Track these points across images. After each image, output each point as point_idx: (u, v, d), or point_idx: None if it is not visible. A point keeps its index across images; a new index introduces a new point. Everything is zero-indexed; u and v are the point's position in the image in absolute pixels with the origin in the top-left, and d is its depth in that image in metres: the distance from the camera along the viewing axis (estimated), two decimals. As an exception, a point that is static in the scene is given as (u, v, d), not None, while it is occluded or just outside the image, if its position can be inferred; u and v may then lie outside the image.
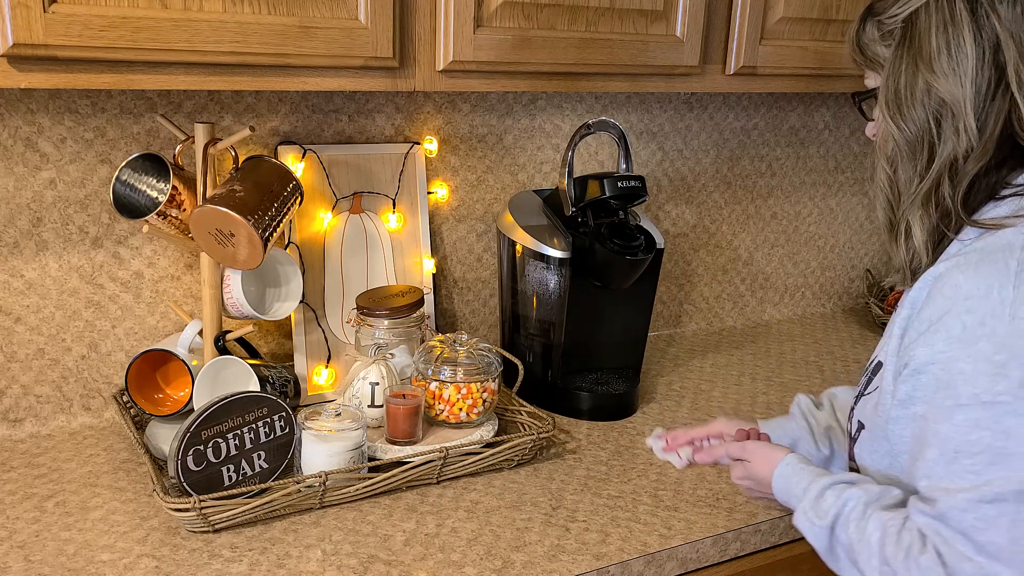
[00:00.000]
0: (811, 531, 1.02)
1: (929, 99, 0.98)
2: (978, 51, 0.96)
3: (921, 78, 0.98)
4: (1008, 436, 0.85)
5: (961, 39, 0.97)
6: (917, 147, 1.00)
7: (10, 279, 1.37)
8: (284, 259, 1.44)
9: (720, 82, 1.58)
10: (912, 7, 1.00)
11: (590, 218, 1.51)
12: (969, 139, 0.97)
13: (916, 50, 0.99)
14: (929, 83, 0.98)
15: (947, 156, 0.98)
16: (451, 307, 1.76)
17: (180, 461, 1.16)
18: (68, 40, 1.04)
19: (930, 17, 0.99)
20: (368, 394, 1.39)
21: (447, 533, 1.20)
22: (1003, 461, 0.86)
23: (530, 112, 1.74)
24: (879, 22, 1.04)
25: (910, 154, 1.00)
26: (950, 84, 0.97)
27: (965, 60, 0.97)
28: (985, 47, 0.96)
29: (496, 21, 1.32)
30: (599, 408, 1.57)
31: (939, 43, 0.98)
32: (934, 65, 0.98)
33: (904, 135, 1.00)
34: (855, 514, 0.98)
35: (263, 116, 1.49)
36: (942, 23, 0.98)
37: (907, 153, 1.00)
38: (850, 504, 0.99)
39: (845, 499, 0.99)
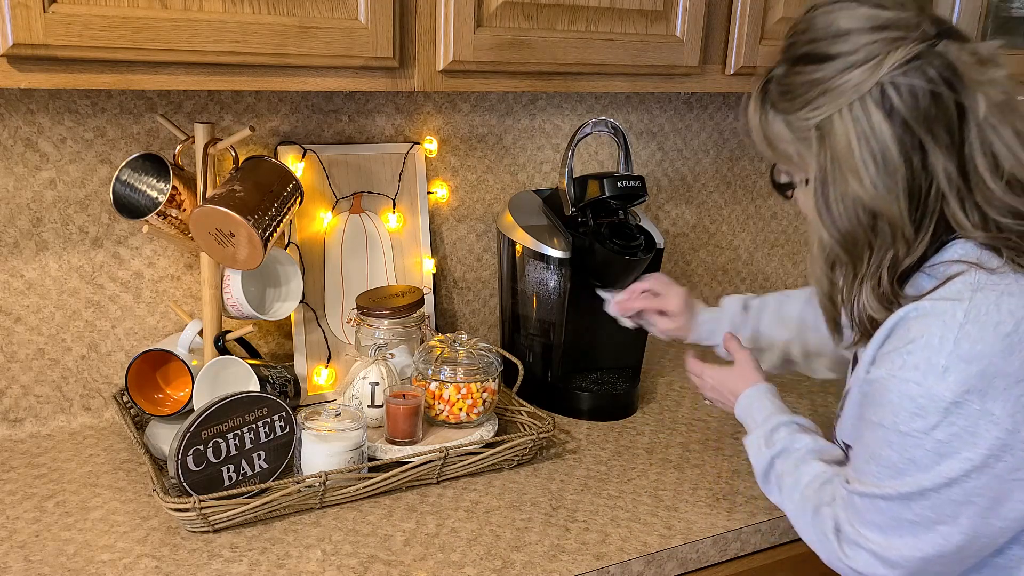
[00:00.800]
0: (756, 454, 1.18)
1: (863, 209, 0.99)
2: (904, 158, 0.96)
3: (851, 190, 0.98)
4: (912, 463, 0.97)
5: (886, 149, 0.96)
6: (854, 252, 1.02)
7: (10, 279, 1.37)
8: (284, 259, 1.44)
9: (720, 82, 1.58)
10: (824, 114, 0.98)
11: (590, 218, 1.51)
12: (907, 242, 0.99)
13: (839, 161, 0.98)
14: (859, 195, 0.98)
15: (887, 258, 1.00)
16: (451, 307, 1.76)
17: (180, 461, 1.16)
18: (68, 40, 1.04)
19: (847, 127, 0.97)
20: (368, 394, 1.39)
21: (447, 533, 1.20)
22: (899, 476, 0.98)
23: (530, 112, 1.74)
24: (788, 121, 1.02)
25: (848, 258, 1.03)
26: (884, 198, 0.97)
27: (894, 171, 0.96)
28: (910, 153, 0.96)
29: (496, 21, 1.32)
30: (599, 408, 1.57)
31: (863, 154, 0.96)
32: (863, 179, 0.97)
33: (840, 243, 1.02)
34: (798, 455, 1.14)
35: (263, 116, 1.49)
36: (861, 133, 0.96)
37: (845, 257, 1.03)
38: (797, 445, 1.15)
39: (795, 439, 1.16)
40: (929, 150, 0.96)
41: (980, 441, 0.94)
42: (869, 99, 0.95)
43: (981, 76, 0.96)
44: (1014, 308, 0.96)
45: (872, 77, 0.95)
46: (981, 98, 0.96)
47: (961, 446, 0.95)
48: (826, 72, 0.98)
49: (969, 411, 0.94)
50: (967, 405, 0.94)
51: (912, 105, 0.95)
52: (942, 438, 0.95)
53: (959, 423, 0.94)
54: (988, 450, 0.94)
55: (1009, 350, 0.94)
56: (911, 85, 0.95)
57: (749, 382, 1.26)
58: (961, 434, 0.94)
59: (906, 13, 0.98)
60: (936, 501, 0.97)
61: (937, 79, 0.95)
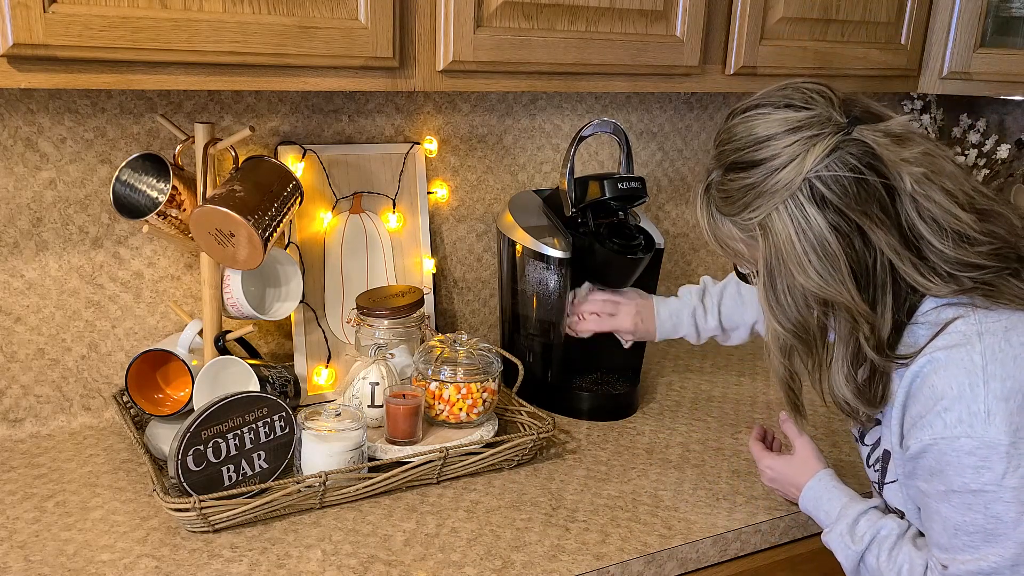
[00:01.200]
0: (844, 552, 1.13)
1: (812, 299, 1.01)
2: (844, 244, 0.98)
3: (798, 282, 1.01)
4: (998, 520, 0.96)
5: (825, 239, 0.98)
6: (806, 339, 1.05)
7: (10, 279, 1.37)
8: (284, 259, 1.44)
9: (720, 82, 1.58)
10: (763, 213, 1.01)
11: (590, 218, 1.51)
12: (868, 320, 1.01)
13: (784, 256, 1.01)
14: (806, 287, 1.00)
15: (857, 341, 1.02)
16: (451, 307, 1.76)
17: (180, 461, 1.16)
18: (68, 40, 1.04)
19: (785, 223, 1.00)
20: (368, 394, 1.39)
21: (447, 533, 1.20)
22: (995, 540, 0.97)
23: (530, 112, 1.74)
24: (735, 222, 1.05)
25: (804, 347, 1.05)
26: (830, 286, 0.99)
27: (836, 258, 0.99)
28: (850, 237, 0.98)
29: (496, 21, 1.32)
30: (599, 408, 1.57)
31: (804, 247, 0.99)
32: (808, 270, 1.00)
33: (792, 333, 1.05)
34: (888, 543, 1.10)
35: (263, 116, 1.49)
36: (799, 227, 0.99)
37: (801, 347, 1.05)
38: (883, 532, 1.11)
39: (879, 527, 1.11)
40: (867, 230, 0.98)
41: None
42: (800, 195, 0.99)
43: (899, 155, 0.99)
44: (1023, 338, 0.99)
45: (799, 175, 0.99)
46: (905, 174, 0.99)
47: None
48: (756, 177, 1.02)
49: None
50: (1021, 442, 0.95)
51: (842, 193, 0.98)
52: (1015, 484, 0.95)
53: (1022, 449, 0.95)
54: None
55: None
56: (836, 176, 0.98)
57: (811, 472, 1.23)
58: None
59: (816, 109, 1.01)
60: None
61: (858, 165, 0.98)
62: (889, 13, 1.69)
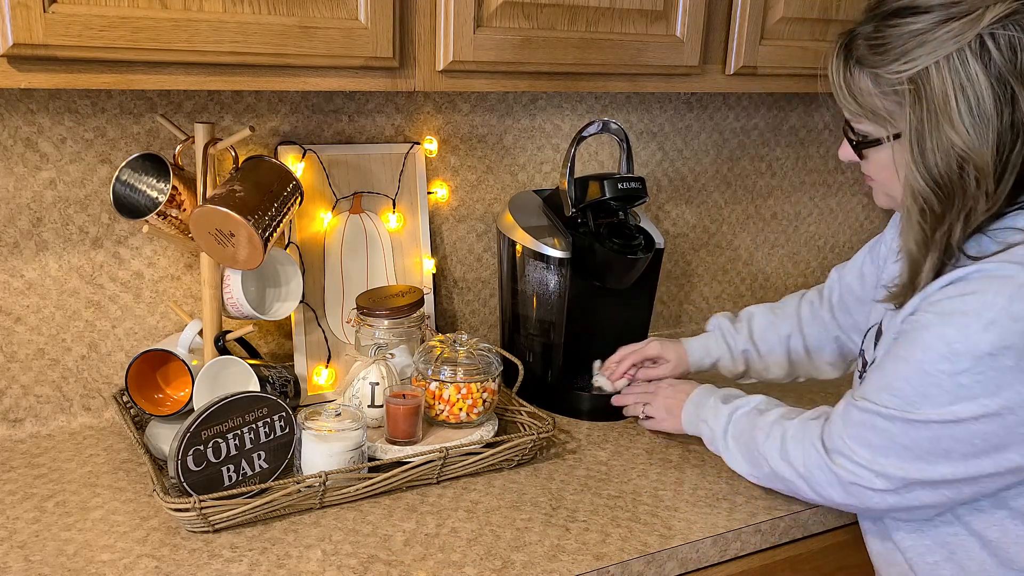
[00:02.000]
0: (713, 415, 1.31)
1: (956, 157, 1.01)
2: (997, 110, 0.99)
3: (946, 138, 1.00)
4: (924, 398, 1.03)
5: (981, 99, 0.98)
6: (945, 200, 1.04)
7: (10, 279, 1.37)
8: (284, 259, 1.44)
9: (720, 82, 1.58)
10: (920, 65, 1.00)
11: (590, 218, 1.51)
12: (987, 194, 1.02)
13: (937, 111, 1.00)
14: (955, 143, 1.00)
15: (967, 207, 1.03)
16: (451, 307, 1.76)
17: (180, 461, 1.16)
18: (68, 40, 1.04)
19: (944, 78, 0.99)
20: (368, 394, 1.39)
21: (447, 533, 1.20)
22: (911, 407, 1.04)
23: (530, 112, 1.74)
24: (876, 75, 1.04)
25: (940, 208, 1.05)
26: (975, 143, 0.99)
27: (988, 121, 0.99)
28: (1003, 106, 0.99)
29: (496, 21, 1.32)
30: (599, 408, 1.57)
31: (959, 104, 0.99)
32: (957, 126, 0.99)
33: (935, 192, 1.04)
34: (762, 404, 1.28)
35: (263, 116, 1.49)
36: (959, 84, 0.99)
37: (937, 206, 1.05)
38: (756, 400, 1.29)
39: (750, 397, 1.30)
40: (1021, 104, 0.99)
41: (1003, 392, 0.99)
42: (968, 50, 0.98)
43: None
44: None
45: (973, 28, 0.98)
46: None
47: (981, 393, 0.99)
48: (925, 23, 1.00)
49: (1001, 365, 0.98)
50: (1002, 359, 0.98)
51: (1009, 58, 0.98)
52: (965, 383, 1.00)
53: (988, 373, 0.99)
54: (1007, 401, 0.99)
55: None
56: (1009, 37, 0.98)
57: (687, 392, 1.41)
58: (985, 383, 0.99)
59: None
60: (937, 433, 1.03)
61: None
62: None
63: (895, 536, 1.19)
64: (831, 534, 1.36)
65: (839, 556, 1.37)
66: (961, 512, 1.12)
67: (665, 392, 1.45)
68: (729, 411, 1.30)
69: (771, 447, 1.21)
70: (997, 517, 1.10)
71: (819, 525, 1.33)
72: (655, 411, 1.45)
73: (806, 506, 1.31)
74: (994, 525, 1.10)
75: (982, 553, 1.12)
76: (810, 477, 1.16)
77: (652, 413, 1.45)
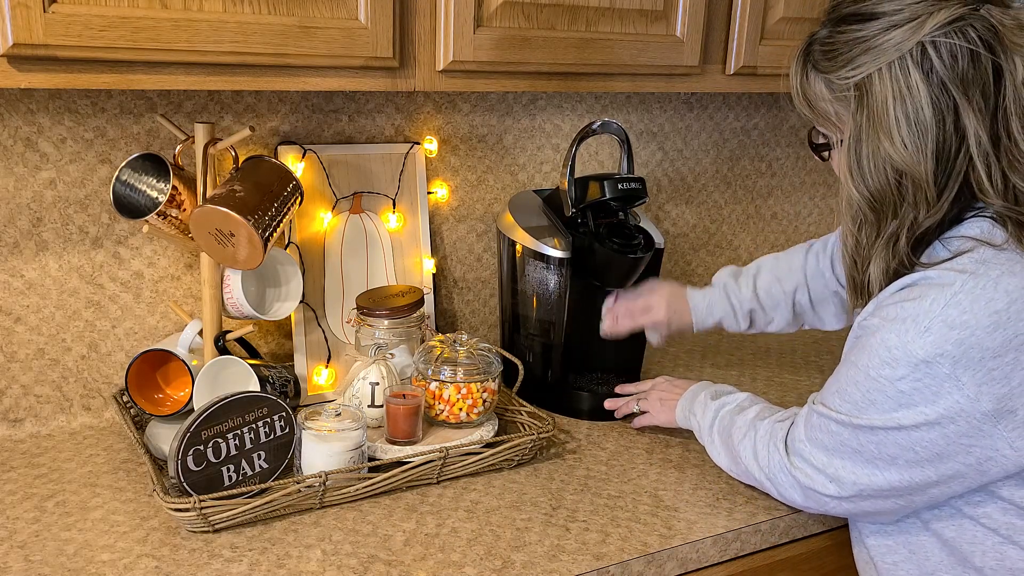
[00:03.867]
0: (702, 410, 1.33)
1: (891, 169, 1.01)
2: (937, 119, 0.98)
3: (882, 149, 1.00)
4: (871, 403, 1.04)
5: (920, 109, 0.98)
6: (880, 211, 1.05)
7: (10, 279, 1.37)
8: (284, 259, 1.44)
9: (720, 82, 1.58)
10: (864, 72, 1.00)
11: (590, 218, 1.51)
12: (928, 204, 1.02)
13: (874, 120, 1.00)
14: (890, 154, 1.00)
15: (907, 218, 1.03)
16: (451, 307, 1.76)
17: (180, 461, 1.16)
18: (68, 40, 1.04)
19: (885, 86, 0.99)
20: (368, 394, 1.39)
21: (447, 533, 1.20)
22: (858, 412, 1.05)
23: (530, 112, 1.74)
24: (828, 80, 1.04)
25: (874, 217, 1.06)
26: (911, 156, 0.99)
27: (925, 131, 0.98)
28: (944, 115, 0.98)
29: (496, 21, 1.32)
30: (599, 408, 1.57)
31: (897, 113, 0.99)
32: (894, 137, 0.99)
33: (868, 202, 1.05)
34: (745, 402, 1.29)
35: (263, 116, 1.49)
36: (898, 92, 0.98)
37: (871, 216, 1.06)
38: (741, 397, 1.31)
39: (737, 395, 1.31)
40: (963, 112, 0.98)
41: (940, 401, 0.99)
42: (909, 59, 0.98)
43: (1021, 40, 0.98)
44: (1011, 288, 0.99)
45: (914, 36, 0.97)
46: (1020, 61, 0.98)
47: (920, 400, 1.00)
48: (869, 31, 1.00)
49: (937, 372, 0.98)
50: (937, 366, 0.98)
51: (951, 66, 0.97)
52: (904, 389, 1.01)
53: (924, 380, 0.99)
54: (945, 411, 0.99)
55: (995, 326, 0.98)
56: (951, 45, 0.97)
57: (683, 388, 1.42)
58: (923, 390, 1.00)
59: None
60: (882, 439, 1.04)
61: (977, 41, 0.97)
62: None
63: (864, 537, 1.21)
64: (831, 534, 1.36)
65: (839, 556, 1.37)
66: (921, 511, 1.12)
67: (662, 386, 1.46)
68: (716, 407, 1.32)
69: (745, 446, 1.23)
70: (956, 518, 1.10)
71: (819, 525, 1.33)
72: (649, 404, 1.46)
73: (806, 506, 1.31)
74: (952, 525, 1.11)
75: (941, 553, 1.12)
76: (774, 479, 1.18)
77: (646, 407, 1.46)
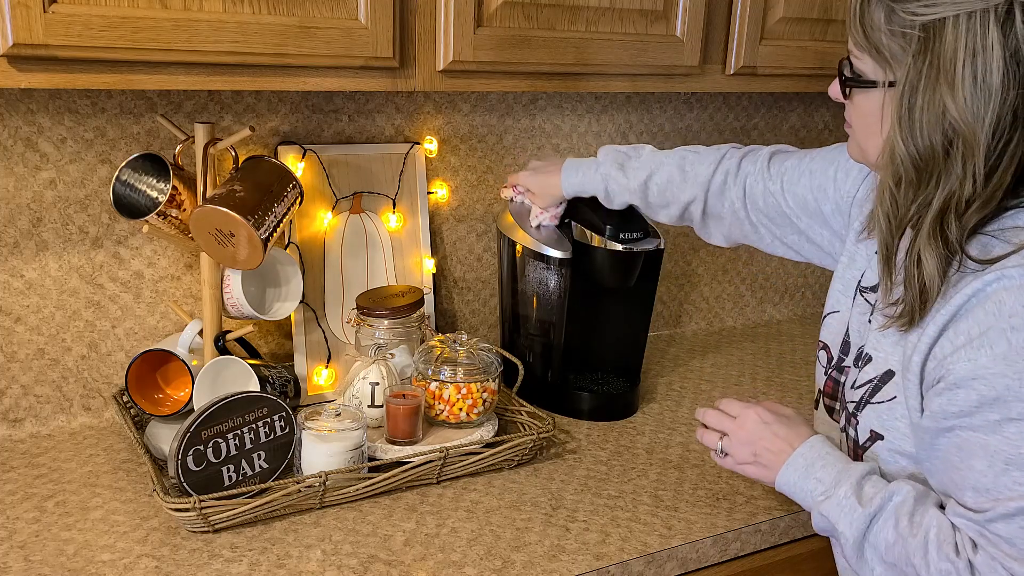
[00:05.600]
0: (849, 517, 1.00)
1: (947, 126, 0.91)
2: (1004, 86, 0.89)
3: (939, 101, 0.91)
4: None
5: (989, 72, 0.88)
6: (923, 172, 0.94)
7: (10, 279, 1.37)
8: (284, 259, 1.44)
9: (720, 82, 1.58)
10: (938, 13, 0.90)
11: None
12: (974, 181, 0.92)
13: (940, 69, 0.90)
14: (948, 109, 0.90)
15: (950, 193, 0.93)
16: (451, 307, 1.76)
17: (180, 461, 1.16)
18: (68, 40, 1.04)
19: (959, 36, 0.89)
20: (368, 394, 1.39)
21: (447, 533, 1.20)
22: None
23: (530, 112, 1.74)
24: (892, 10, 0.93)
25: (916, 178, 0.95)
26: (969, 116, 0.90)
27: (989, 98, 0.89)
28: (1009, 86, 0.89)
29: (496, 21, 1.32)
30: (599, 408, 1.57)
31: (966, 69, 0.89)
32: (956, 92, 0.89)
33: (912, 158, 0.94)
34: (906, 508, 0.97)
35: (263, 116, 1.49)
36: (971, 47, 0.89)
37: (913, 176, 0.95)
38: (897, 497, 0.98)
39: (891, 491, 0.98)
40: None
41: None
42: (992, 13, 0.88)
43: None
44: None
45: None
46: None
47: None
48: None
49: None
50: None
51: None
52: None
53: None
54: None
55: None
56: None
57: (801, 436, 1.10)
58: None
59: None
60: None
61: None
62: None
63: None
64: (831, 534, 1.36)
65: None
66: None
67: (754, 430, 1.14)
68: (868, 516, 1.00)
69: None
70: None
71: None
72: (734, 449, 1.15)
73: (806, 506, 1.31)
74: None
75: None
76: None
77: (731, 451, 1.16)
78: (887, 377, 1.03)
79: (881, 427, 1.04)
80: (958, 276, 0.95)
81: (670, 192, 1.40)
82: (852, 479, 1.02)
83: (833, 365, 1.17)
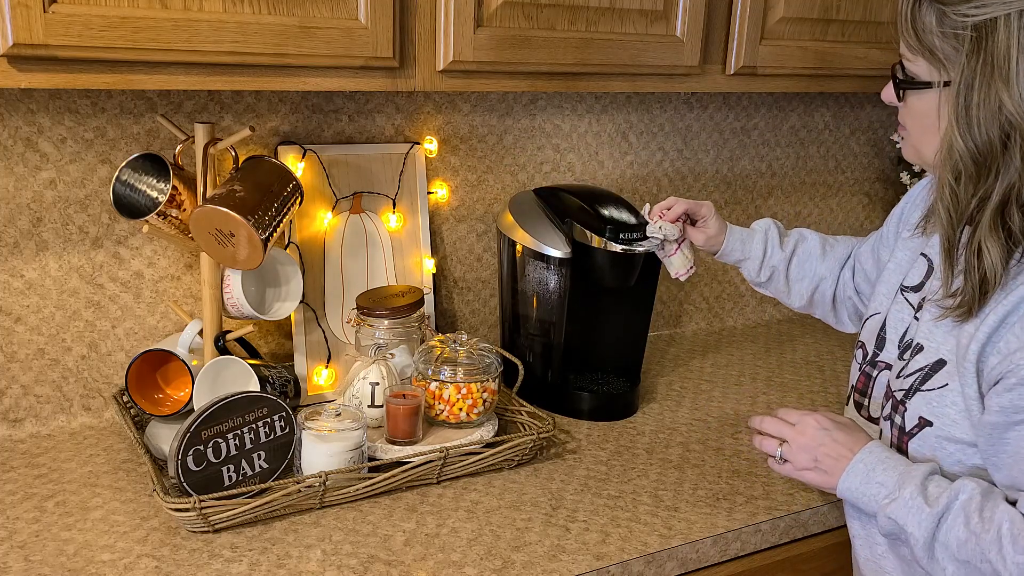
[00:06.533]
0: (917, 517, 1.00)
1: (1004, 121, 0.94)
2: None
3: (995, 97, 0.94)
4: None
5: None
6: (982, 167, 0.97)
7: (10, 279, 1.37)
8: (284, 259, 1.44)
9: (720, 82, 1.58)
10: (988, 14, 0.93)
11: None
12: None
13: (994, 67, 0.93)
14: (1005, 104, 0.94)
15: (1009, 184, 0.96)
16: (451, 307, 1.76)
17: (180, 461, 1.16)
18: (68, 40, 1.04)
19: (1012, 33, 0.92)
20: (368, 394, 1.39)
21: (447, 533, 1.20)
22: None
23: (530, 112, 1.74)
24: (943, 13, 0.96)
25: (975, 172, 0.98)
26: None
27: None
28: None
29: (496, 21, 1.32)
30: (599, 408, 1.57)
31: (1019, 65, 0.92)
32: (1012, 87, 0.93)
33: (971, 153, 0.97)
34: (974, 504, 0.98)
35: (263, 116, 1.49)
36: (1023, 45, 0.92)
37: (972, 170, 0.98)
38: (964, 495, 0.99)
39: (957, 489, 0.99)
40: None
41: None
42: None
43: None
44: None
45: None
46: None
47: None
48: None
49: None
50: None
51: None
52: None
53: None
54: None
55: None
56: None
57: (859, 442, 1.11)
58: None
59: None
60: None
61: None
62: (890, 13, 1.68)
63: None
64: (831, 534, 1.36)
65: (839, 556, 1.37)
66: None
67: (814, 436, 1.14)
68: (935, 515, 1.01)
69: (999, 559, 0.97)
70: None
71: (819, 525, 1.33)
72: (794, 455, 1.15)
73: (806, 506, 1.31)
74: None
75: None
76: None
77: (791, 457, 1.16)
78: (938, 366, 1.06)
79: (931, 414, 1.06)
80: (1017, 268, 0.98)
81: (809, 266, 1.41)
82: (916, 480, 1.03)
83: (867, 360, 1.20)
